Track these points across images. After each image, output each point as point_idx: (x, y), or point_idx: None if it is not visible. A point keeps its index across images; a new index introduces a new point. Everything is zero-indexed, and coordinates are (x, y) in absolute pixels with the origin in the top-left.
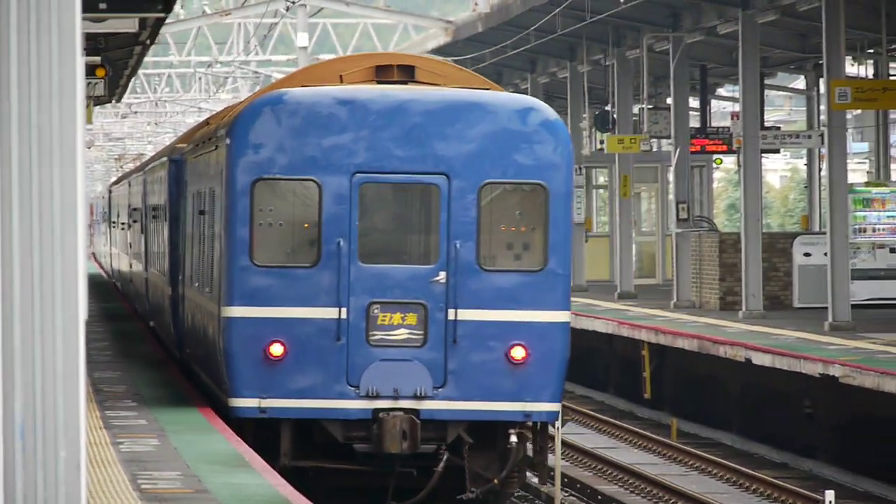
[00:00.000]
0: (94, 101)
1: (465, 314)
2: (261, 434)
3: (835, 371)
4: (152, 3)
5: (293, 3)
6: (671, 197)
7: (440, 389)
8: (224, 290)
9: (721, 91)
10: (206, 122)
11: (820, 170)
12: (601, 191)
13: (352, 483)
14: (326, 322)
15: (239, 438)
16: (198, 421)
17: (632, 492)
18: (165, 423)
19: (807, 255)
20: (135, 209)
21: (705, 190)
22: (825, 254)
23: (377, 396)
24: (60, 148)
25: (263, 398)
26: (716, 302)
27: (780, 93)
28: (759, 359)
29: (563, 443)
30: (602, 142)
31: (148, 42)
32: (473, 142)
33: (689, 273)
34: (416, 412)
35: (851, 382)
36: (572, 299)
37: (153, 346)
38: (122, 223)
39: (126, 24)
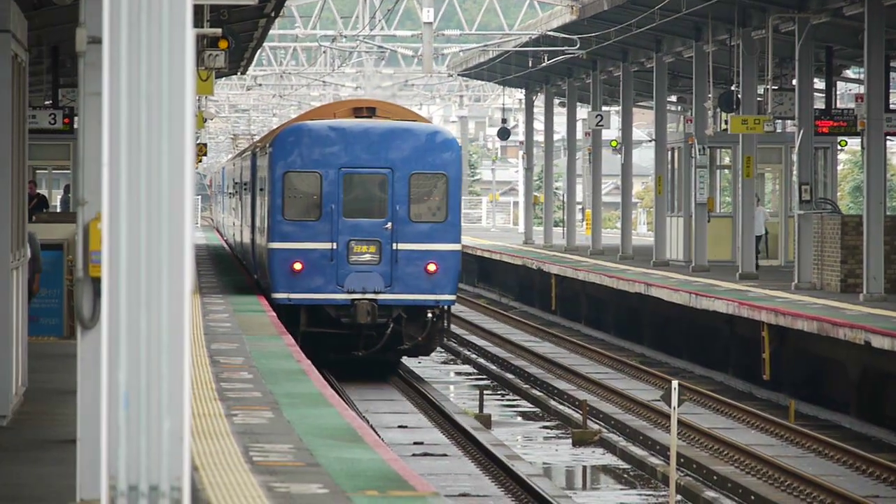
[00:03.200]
0: (216, 72)
1: (402, 246)
2: (289, 314)
3: None
4: None
5: None
6: (795, 178)
7: (388, 288)
8: (268, 234)
9: (848, 73)
10: (270, 133)
11: None
12: (725, 171)
13: (339, 341)
14: (325, 251)
15: (353, 413)
16: (311, 393)
17: (747, 472)
18: (280, 396)
19: None
20: (236, 183)
21: (829, 172)
22: None
23: (353, 292)
24: (169, 119)
25: (290, 293)
26: (837, 284)
27: None
28: (879, 342)
29: (680, 422)
30: (726, 122)
31: (273, 15)
32: (406, 150)
33: (810, 255)
34: (375, 301)
35: None
36: (693, 279)
37: (271, 319)
38: (230, 193)
39: None
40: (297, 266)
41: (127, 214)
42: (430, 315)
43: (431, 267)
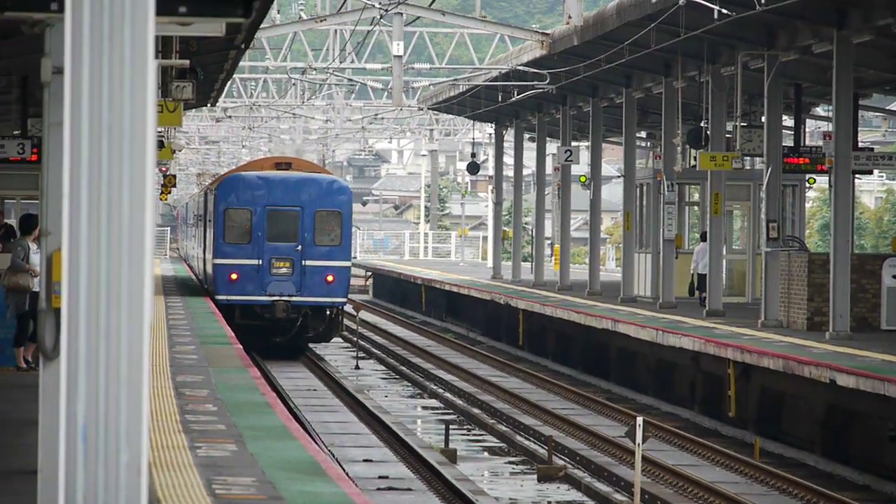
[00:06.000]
0: (185, 104)
1: (309, 263)
2: (227, 311)
3: None
4: (234, 6)
5: (386, 11)
6: (763, 215)
7: (298, 292)
8: (213, 252)
9: (817, 111)
10: (216, 179)
11: None
12: (694, 208)
13: (263, 331)
14: (254, 265)
15: (317, 447)
16: (275, 426)
17: None
18: (244, 429)
19: (895, 277)
20: (195, 215)
21: (798, 209)
22: None
23: (273, 295)
24: (131, 150)
25: (229, 296)
26: (803, 322)
27: (878, 114)
28: (844, 380)
29: (645, 459)
30: (695, 158)
31: (243, 46)
32: (313, 194)
33: (777, 292)
34: (289, 302)
35: None
36: (661, 316)
37: (240, 354)
38: (192, 224)
39: (212, 28)
40: (234, 276)
41: (87, 245)
42: (328, 313)
43: (329, 278)
